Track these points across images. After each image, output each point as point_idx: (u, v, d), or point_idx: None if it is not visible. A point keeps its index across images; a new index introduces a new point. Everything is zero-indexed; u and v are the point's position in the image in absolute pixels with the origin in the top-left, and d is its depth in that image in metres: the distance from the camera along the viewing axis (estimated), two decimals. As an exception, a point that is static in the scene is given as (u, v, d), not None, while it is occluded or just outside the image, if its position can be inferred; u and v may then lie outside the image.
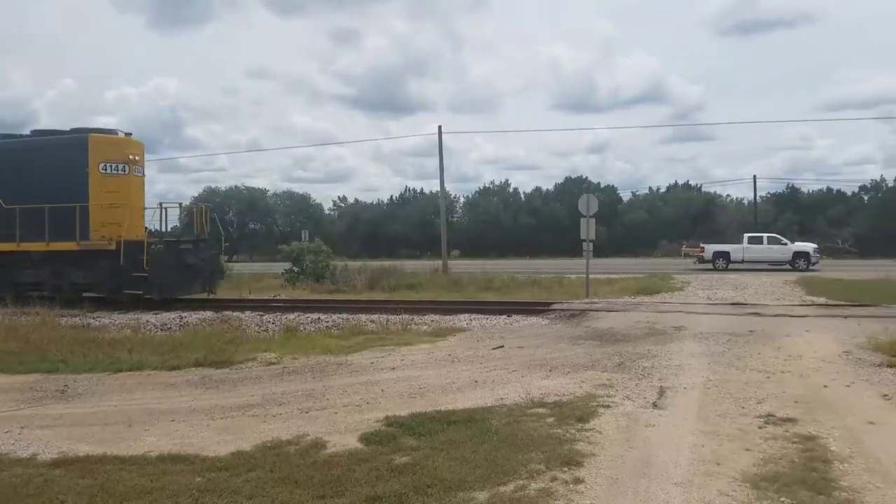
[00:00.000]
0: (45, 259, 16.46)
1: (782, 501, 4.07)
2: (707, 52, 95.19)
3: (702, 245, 32.96)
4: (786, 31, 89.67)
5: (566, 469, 4.65)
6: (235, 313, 14.01)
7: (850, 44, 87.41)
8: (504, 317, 13.10)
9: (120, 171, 16.64)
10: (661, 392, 6.82)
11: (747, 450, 5.03)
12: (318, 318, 13.73)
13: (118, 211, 16.22)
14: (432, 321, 12.87)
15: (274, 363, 9.02)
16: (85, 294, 16.62)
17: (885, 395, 6.52)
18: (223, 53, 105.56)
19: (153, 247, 15.86)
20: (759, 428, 5.56)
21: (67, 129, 17.55)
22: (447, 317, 13.21)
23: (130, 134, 17.49)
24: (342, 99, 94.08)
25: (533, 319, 12.73)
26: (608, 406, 6.30)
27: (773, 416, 5.88)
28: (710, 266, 30.78)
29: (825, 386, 6.95)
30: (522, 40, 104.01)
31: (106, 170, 16.48)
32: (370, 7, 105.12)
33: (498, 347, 9.73)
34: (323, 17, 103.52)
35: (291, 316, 13.98)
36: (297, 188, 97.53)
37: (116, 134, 17.39)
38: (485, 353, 9.28)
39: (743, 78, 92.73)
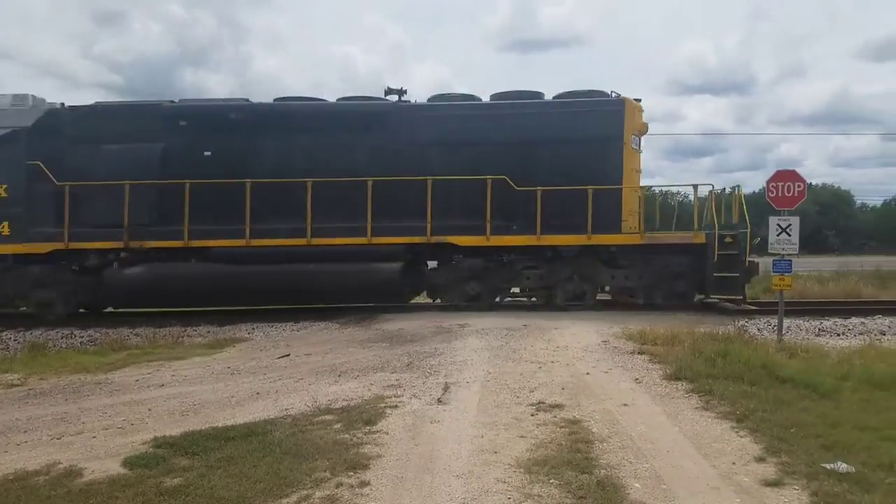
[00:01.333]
0: (575, 256, 13.16)
1: (551, 483, 4.38)
2: (490, 65, 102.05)
3: None
4: (561, 51, 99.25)
5: (352, 473, 4.59)
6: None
7: (613, 65, 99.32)
8: (291, 323, 12.65)
9: (639, 147, 13.71)
10: (446, 388, 7.03)
11: (521, 437, 5.35)
12: (72, 332, 12.18)
13: (636, 196, 13.53)
14: (209, 332, 11.99)
15: (17, 385, 7.87)
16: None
17: (637, 380, 7.37)
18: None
19: (754, 240, 12.70)
20: (532, 415, 5.96)
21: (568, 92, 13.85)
22: (226, 326, 12.39)
23: (639, 100, 13.90)
24: (106, 87, 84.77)
25: (322, 325, 12.46)
26: (396, 406, 6.34)
27: (543, 403, 6.35)
28: None
29: (587, 373, 7.66)
30: (312, 39, 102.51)
31: (634, 144, 13.43)
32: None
33: (283, 356, 9.36)
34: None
35: (37, 332, 12.28)
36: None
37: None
38: (269, 364, 8.87)
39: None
